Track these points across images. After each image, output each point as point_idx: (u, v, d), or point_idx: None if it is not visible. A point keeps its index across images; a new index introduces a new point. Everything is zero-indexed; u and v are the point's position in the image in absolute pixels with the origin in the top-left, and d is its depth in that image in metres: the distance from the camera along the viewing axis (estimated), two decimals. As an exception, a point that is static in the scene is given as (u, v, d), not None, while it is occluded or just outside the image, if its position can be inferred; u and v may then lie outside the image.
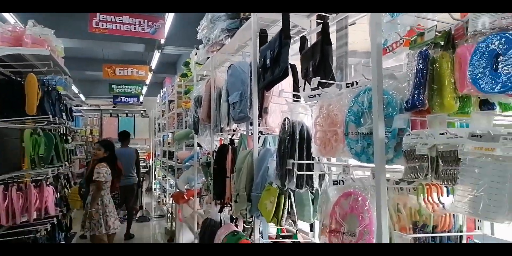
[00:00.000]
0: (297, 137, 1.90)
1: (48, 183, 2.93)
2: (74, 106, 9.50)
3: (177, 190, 4.86)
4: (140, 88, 9.78)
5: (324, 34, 2.02)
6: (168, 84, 7.63)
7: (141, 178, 6.52)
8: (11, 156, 2.90)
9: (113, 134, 11.61)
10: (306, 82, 2.12)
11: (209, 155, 3.86)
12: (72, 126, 7.31)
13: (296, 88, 2.56)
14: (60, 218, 3.21)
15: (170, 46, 6.26)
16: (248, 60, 2.86)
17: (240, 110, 2.62)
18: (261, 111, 2.43)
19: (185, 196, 4.63)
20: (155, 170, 10.46)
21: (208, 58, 3.65)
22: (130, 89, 9.65)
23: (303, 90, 2.16)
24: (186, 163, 4.70)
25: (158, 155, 9.54)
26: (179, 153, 5.14)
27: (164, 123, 8.35)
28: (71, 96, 5.31)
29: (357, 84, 1.46)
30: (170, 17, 4.92)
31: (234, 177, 2.75)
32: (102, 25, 4.89)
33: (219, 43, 2.99)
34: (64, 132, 4.95)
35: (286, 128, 1.93)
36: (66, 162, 3.56)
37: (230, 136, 3.33)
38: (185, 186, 4.72)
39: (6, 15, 4.54)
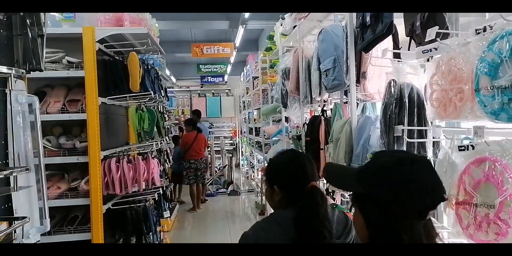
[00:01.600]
0: (406, 101, 1.70)
1: (153, 156, 3.14)
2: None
3: (266, 164, 4.93)
4: (225, 66, 10.05)
5: (435, -19, 1.73)
6: (251, 61, 7.66)
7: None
8: (120, 132, 3.16)
9: (202, 113, 12.24)
10: (412, 39, 1.87)
11: (299, 128, 3.78)
12: (167, 106, 7.86)
13: (396, 48, 2.30)
14: (164, 188, 3.46)
15: (253, 21, 6.20)
16: (342, 23, 2.65)
17: (334, 77, 2.45)
18: (358, 76, 2.24)
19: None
20: (241, 147, 10.81)
21: (295, 27, 3.50)
22: (216, 68, 9.97)
23: (408, 49, 1.92)
24: (274, 138, 4.70)
25: (244, 132, 9.80)
26: (266, 128, 5.17)
27: (248, 101, 8.48)
28: (165, 76, 5.63)
29: (491, 29, 1.21)
30: None
31: (329, 149, 2.63)
32: None
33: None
34: (162, 111, 5.30)
35: (393, 91, 1.73)
36: (166, 137, 3.80)
37: (321, 107, 3.19)
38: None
39: None
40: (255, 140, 7.45)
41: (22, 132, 1.47)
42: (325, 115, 2.95)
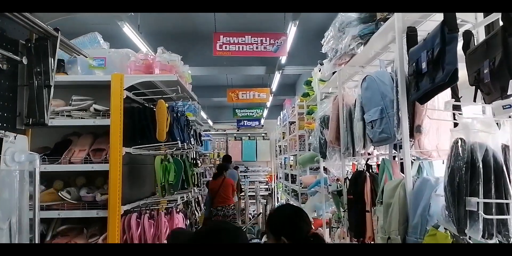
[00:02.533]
0: (480, 165, 1.35)
1: (178, 210, 2.89)
2: (203, 131, 10.21)
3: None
4: (261, 111, 9.98)
5: (506, 22, 1.45)
6: (288, 105, 7.50)
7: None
8: (147, 182, 2.96)
9: (238, 157, 12.08)
10: (479, 89, 1.55)
11: (339, 182, 3.41)
12: (201, 150, 7.74)
13: (455, 98, 1.98)
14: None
15: (290, 66, 6.15)
16: (388, 69, 2.39)
17: (381, 130, 2.14)
18: (412, 130, 1.92)
19: (312, 225, 4.21)
20: (277, 193, 10.35)
21: (334, 73, 3.28)
22: (252, 112, 9.93)
23: (474, 101, 1.60)
24: (312, 189, 4.31)
25: (280, 177, 9.41)
26: (303, 178, 4.81)
27: (285, 145, 8.20)
28: (199, 121, 5.54)
29: None
30: (292, 32, 4.73)
31: (376, 212, 2.24)
32: (226, 47, 5.00)
33: (348, 53, 2.60)
34: (194, 156, 5.13)
35: (461, 152, 1.39)
36: (195, 188, 3.55)
37: (365, 161, 2.84)
38: (312, 215, 4.32)
39: (139, 43, 4.99)
40: (291, 188, 7.04)
41: (18, 195, 1.27)
42: (370, 171, 2.60)
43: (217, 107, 12.11)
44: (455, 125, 1.97)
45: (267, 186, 11.96)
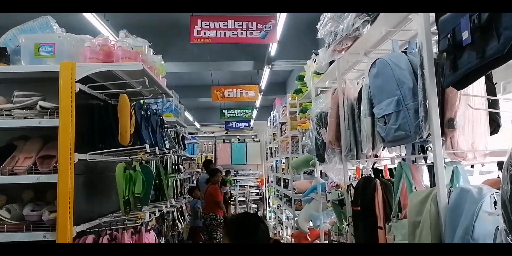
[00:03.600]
0: None
1: (148, 228, 2.40)
2: (188, 133, 9.68)
3: (297, 227, 4.02)
4: (250, 111, 9.48)
5: None
6: (279, 105, 7.05)
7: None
8: (112, 196, 2.46)
9: (227, 160, 11.58)
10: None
11: (340, 189, 2.96)
12: (185, 154, 7.24)
13: (491, 87, 1.57)
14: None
15: (281, 61, 5.67)
16: (404, 50, 1.94)
17: (398, 126, 1.70)
18: (442, 125, 1.48)
19: (308, 237, 3.76)
20: (268, 198, 9.89)
21: (332, 63, 2.84)
22: (240, 113, 9.41)
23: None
24: (307, 197, 3.86)
25: (271, 181, 8.95)
26: (297, 183, 4.35)
27: (276, 148, 7.75)
28: (182, 123, 5.05)
29: None
30: (283, 15, 4.18)
31: (392, 229, 1.80)
32: (205, 33, 4.42)
33: (351, 36, 2.15)
34: (176, 162, 4.64)
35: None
36: (173, 199, 3.07)
37: (371, 164, 2.41)
38: (307, 224, 3.87)
39: (100, 27, 4.46)
40: (283, 193, 6.58)
41: None
42: (380, 177, 2.16)
43: (204, 108, 11.60)
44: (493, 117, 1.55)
45: (258, 190, 11.49)
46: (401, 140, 1.74)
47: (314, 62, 3.29)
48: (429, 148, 2.10)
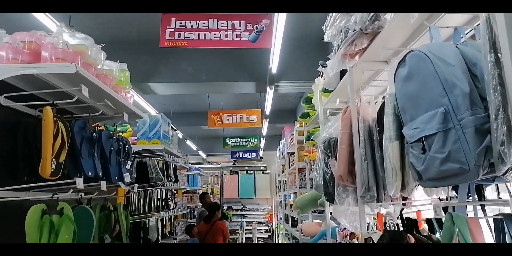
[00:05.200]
0: None
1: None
2: (191, 164, 9.04)
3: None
4: (255, 140, 8.79)
5: None
6: (287, 133, 6.42)
7: None
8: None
9: (234, 193, 10.80)
10: None
11: (357, 239, 2.24)
12: (183, 187, 6.59)
13: None
14: None
15: (287, 82, 5.06)
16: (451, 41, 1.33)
17: (447, 155, 1.05)
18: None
19: None
20: (278, 236, 8.99)
21: (342, 76, 2.24)
22: (246, 142, 8.72)
23: None
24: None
25: (280, 218, 8.12)
26: (304, 226, 3.61)
27: (285, 181, 7.03)
28: (173, 151, 4.45)
29: None
30: (281, 16, 3.43)
31: None
32: (179, 35, 3.76)
33: (367, 32, 1.56)
34: (164, 197, 3.99)
35: None
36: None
37: (398, 210, 1.74)
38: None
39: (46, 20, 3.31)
40: (292, 234, 5.78)
41: None
42: (414, 232, 1.47)
43: (210, 138, 11.03)
44: None
45: (267, 227, 10.58)
46: (452, 177, 1.08)
47: (321, 76, 2.70)
48: (486, 190, 1.43)
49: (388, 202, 1.83)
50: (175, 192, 6.83)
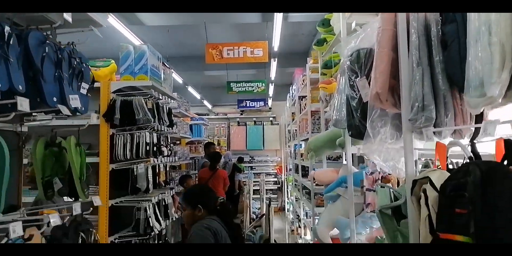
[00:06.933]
0: None
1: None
2: (197, 114, 8.51)
3: (316, 237, 2.77)
4: (263, 84, 8.02)
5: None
6: (298, 76, 5.74)
7: None
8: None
9: (242, 145, 10.40)
10: None
11: (391, 183, 1.68)
12: (186, 136, 6.11)
13: None
14: None
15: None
16: None
17: None
18: None
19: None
20: (287, 187, 8.68)
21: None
22: (252, 86, 7.95)
23: None
24: (330, 193, 2.60)
25: (290, 170, 7.72)
26: (317, 173, 3.09)
27: (295, 130, 6.48)
28: (166, 91, 3.86)
29: None
30: None
31: None
32: None
33: None
34: (155, 142, 3.47)
35: None
36: (98, 198, 1.90)
37: (469, 139, 1.15)
38: (331, 234, 2.62)
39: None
40: (302, 184, 5.35)
41: None
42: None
43: (215, 87, 10.36)
44: None
45: (276, 179, 10.30)
46: None
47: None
48: None
49: (449, 129, 1.24)
50: (178, 142, 6.41)
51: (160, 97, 3.67)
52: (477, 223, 0.74)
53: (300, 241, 5.92)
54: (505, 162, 0.85)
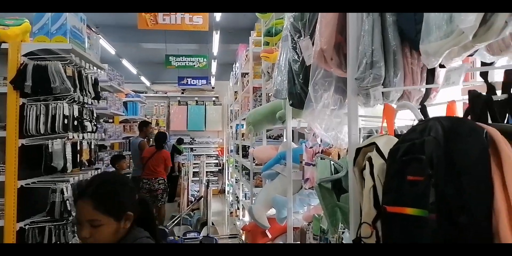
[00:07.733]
0: None
1: None
2: (134, 91, 7.90)
3: (252, 217, 2.61)
4: (205, 60, 7.60)
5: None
6: (241, 53, 5.49)
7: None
8: None
9: (182, 126, 9.99)
10: None
11: (330, 154, 1.54)
12: (119, 113, 5.62)
13: None
14: None
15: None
16: None
17: None
18: None
19: (267, 233, 2.39)
20: (228, 169, 8.53)
21: None
22: (193, 61, 7.50)
23: None
24: (269, 171, 2.45)
25: (231, 151, 7.55)
26: (256, 150, 2.92)
27: (237, 110, 6.27)
28: (93, 60, 3.41)
29: None
30: None
31: None
32: None
33: None
34: (77, 115, 3.06)
35: None
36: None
37: (418, 102, 1.01)
38: (268, 214, 2.48)
39: None
40: (242, 164, 5.20)
41: None
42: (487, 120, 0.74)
43: (154, 64, 9.71)
44: None
45: (217, 161, 10.10)
46: None
47: None
48: None
49: (397, 91, 1.10)
50: (110, 120, 5.88)
51: (84, 65, 3.23)
52: (440, 190, 0.58)
53: (238, 223, 5.82)
54: (469, 117, 0.70)
